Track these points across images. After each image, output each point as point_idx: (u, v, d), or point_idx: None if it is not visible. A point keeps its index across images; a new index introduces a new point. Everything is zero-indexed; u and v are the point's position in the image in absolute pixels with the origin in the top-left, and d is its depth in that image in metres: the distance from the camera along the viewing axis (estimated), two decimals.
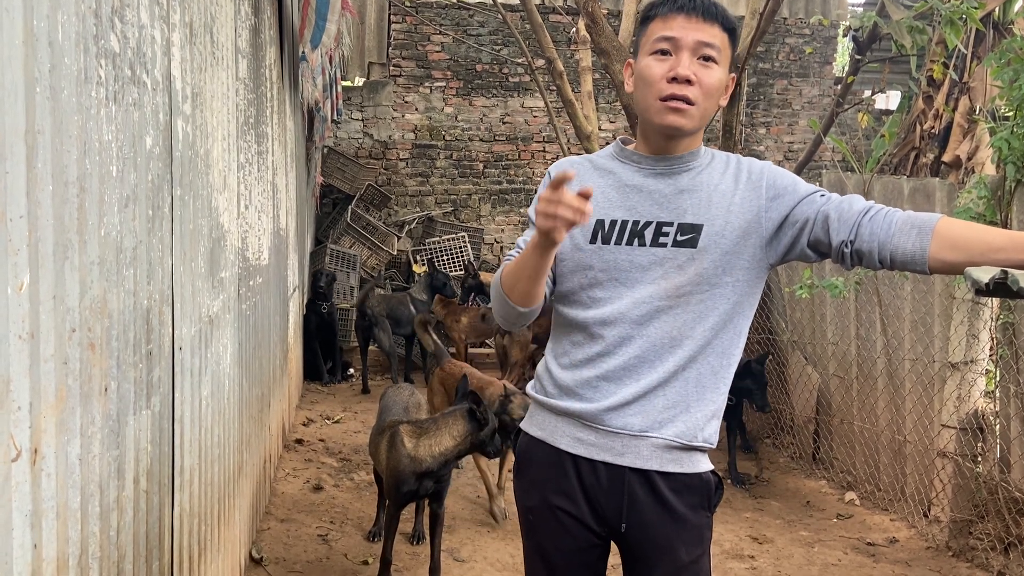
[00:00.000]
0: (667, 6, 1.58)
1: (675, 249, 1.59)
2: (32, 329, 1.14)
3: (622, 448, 1.61)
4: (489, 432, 3.20)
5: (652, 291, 1.59)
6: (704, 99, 1.57)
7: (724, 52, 1.59)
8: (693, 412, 1.61)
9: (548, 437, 1.70)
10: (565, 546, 1.69)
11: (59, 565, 1.25)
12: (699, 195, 1.61)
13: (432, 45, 9.42)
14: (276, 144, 4.36)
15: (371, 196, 8.99)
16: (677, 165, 1.64)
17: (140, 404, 1.68)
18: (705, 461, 1.66)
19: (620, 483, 1.62)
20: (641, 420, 1.60)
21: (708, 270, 1.58)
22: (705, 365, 1.61)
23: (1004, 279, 1.31)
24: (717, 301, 1.59)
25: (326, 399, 6.52)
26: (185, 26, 2.09)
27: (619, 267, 1.61)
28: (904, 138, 7.94)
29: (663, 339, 1.59)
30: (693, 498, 1.63)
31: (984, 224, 1.80)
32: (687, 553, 1.63)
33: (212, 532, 2.51)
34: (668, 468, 1.61)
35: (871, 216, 1.51)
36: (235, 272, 2.91)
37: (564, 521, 1.68)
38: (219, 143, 2.56)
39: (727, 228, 1.58)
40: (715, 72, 1.57)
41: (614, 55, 5.57)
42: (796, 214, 1.58)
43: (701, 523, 1.65)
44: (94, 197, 1.38)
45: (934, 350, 4.07)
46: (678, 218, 1.60)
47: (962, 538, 3.87)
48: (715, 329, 1.60)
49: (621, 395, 1.60)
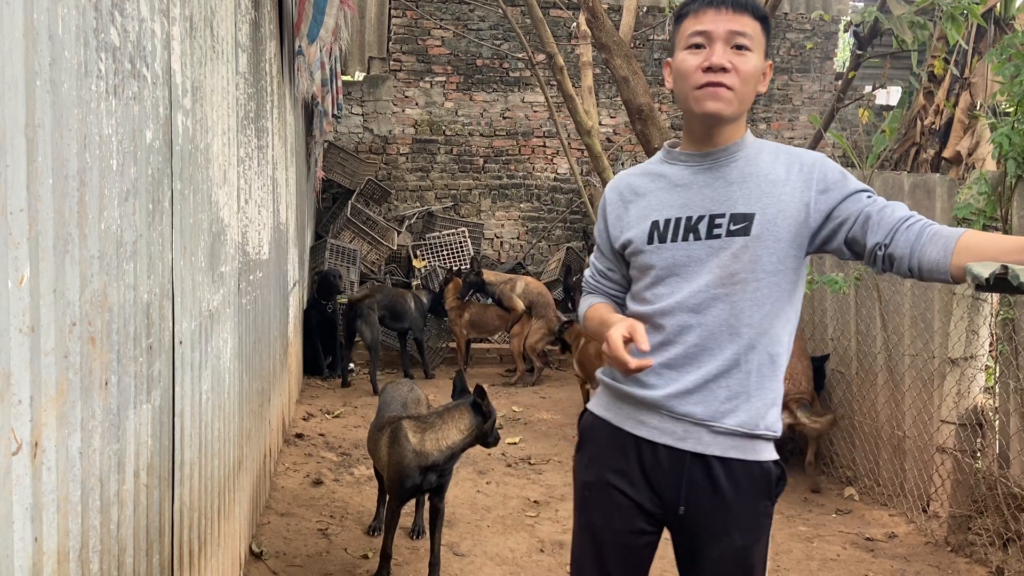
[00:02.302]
0: (698, 2, 1.65)
1: (729, 238, 1.63)
2: (33, 323, 1.14)
3: (684, 433, 1.66)
4: (491, 424, 3.25)
5: (709, 280, 1.64)
6: (741, 85, 1.61)
7: (757, 40, 1.63)
8: (754, 401, 1.66)
9: (612, 418, 1.76)
10: (615, 525, 1.74)
11: (60, 558, 1.25)
12: (749, 184, 1.65)
13: (432, 40, 9.40)
14: (276, 139, 4.35)
15: (371, 191, 8.99)
16: (723, 157, 1.68)
17: (140, 398, 1.68)
18: (768, 450, 1.71)
19: (680, 466, 1.67)
20: (703, 409, 1.65)
21: (763, 257, 1.63)
22: (764, 355, 1.66)
23: (1004, 274, 1.31)
24: (771, 288, 1.64)
25: (326, 394, 6.53)
26: (185, 20, 2.09)
27: (678, 263, 1.67)
28: (905, 134, 7.93)
29: (721, 326, 1.64)
30: (753, 485, 1.68)
31: (985, 220, 1.84)
32: (741, 538, 1.67)
33: (212, 526, 2.52)
34: (729, 455, 1.66)
35: (909, 224, 1.54)
36: (235, 266, 2.91)
37: (618, 500, 1.72)
38: (219, 137, 2.56)
39: (780, 216, 1.62)
40: (750, 59, 1.62)
41: (615, 50, 5.56)
42: (841, 209, 1.62)
43: (759, 511, 1.69)
44: (94, 191, 1.38)
45: (934, 346, 4.07)
46: (730, 208, 1.64)
47: (961, 534, 3.88)
48: (771, 316, 1.65)
49: (683, 383, 1.66)
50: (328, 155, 8.81)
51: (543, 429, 5.74)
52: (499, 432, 3.36)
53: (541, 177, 9.73)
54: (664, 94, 9.84)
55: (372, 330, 6.77)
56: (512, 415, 6.05)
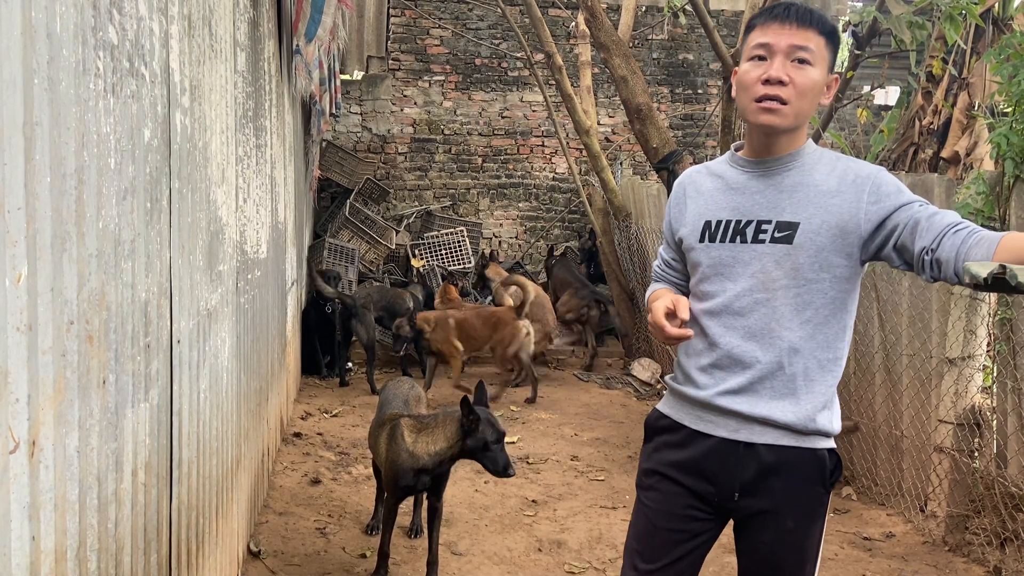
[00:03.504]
0: (764, 16, 1.74)
1: (772, 245, 1.72)
2: (30, 321, 1.13)
3: (736, 426, 1.76)
4: (479, 443, 3.06)
5: (751, 284, 1.73)
6: (798, 98, 1.68)
7: (819, 54, 1.69)
8: (802, 404, 1.73)
9: (674, 414, 1.88)
10: (667, 509, 1.85)
11: (57, 557, 1.25)
12: (799, 194, 1.72)
13: (431, 39, 9.40)
14: (274, 137, 4.35)
15: (369, 190, 8.98)
16: (777, 166, 1.76)
17: (138, 397, 1.68)
18: (821, 440, 1.77)
19: (734, 455, 1.77)
20: (750, 407, 1.74)
21: (803, 265, 1.69)
22: (811, 359, 1.73)
23: (1003, 273, 1.31)
24: (813, 295, 1.71)
25: (324, 393, 6.53)
26: (183, 18, 2.08)
27: (723, 263, 1.77)
28: (903, 134, 7.94)
29: (762, 330, 1.73)
30: (805, 472, 1.76)
31: (983, 220, 1.87)
32: (794, 522, 1.77)
33: (210, 525, 2.52)
34: (781, 442, 1.74)
35: (956, 230, 1.55)
36: (233, 265, 2.91)
37: (672, 488, 1.84)
38: (217, 136, 2.55)
39: (824, 227, 1.68)
40: (810, 73, 1.68)
41: (613, 49, 5.56)
42: (893, 218, 1.65)
43: (812, 496, 1.78)
44: (92, 189, 1.38)
45: (932, 346, 4.07)
46: (777, 216, 1.72)
47: (958, 533, 3.88)
48: (814, 322, 1.72)
49: (729, 383, 1.76)
50: (327, 154, 8.81)
51: (541, 429, 5.74)
52: (513, 465, 3.13)
53: (539, 176, 9.73)
54: (662, 94, 9.84)
55: (368, 330, 6.74)
56: (510, 414, 6.05)
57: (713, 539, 1.88)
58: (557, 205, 9.74)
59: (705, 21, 5.48)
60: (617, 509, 4.23)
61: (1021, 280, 1.29)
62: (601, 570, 3.55)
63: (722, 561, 3.64)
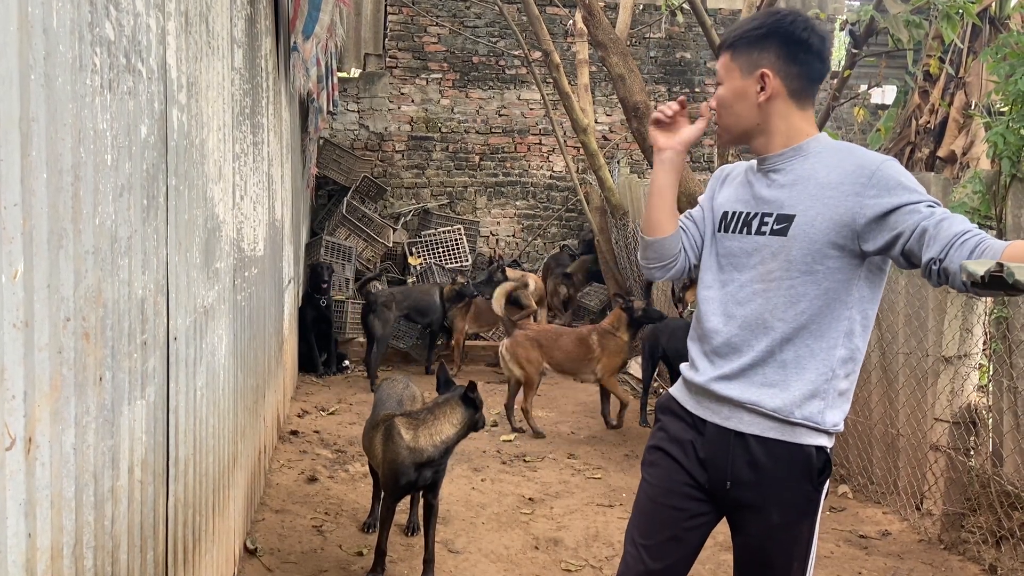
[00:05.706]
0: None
1: (770, 237, 1.80)
2: (26, 318, 1.13)
3: (728, 413, 1.83)
4: (481, 414, 3.29)
5: (751, 275, 1.82)
6: (723, 116, 1.89)
7: (724, 70, 1.87)
8: (792, 391, 1.77)
9: (681, 398, 1.97)
10: (667, 486, 1.92)
11: (53, 554, 1.25)
12: (798, 188, 1.79)
13: (428, 37, 9.39)
14: (272, 135, 4.34)
15: (367, 188, 8.97)
16: (778, 162, 1.84)
17: (135, 394, 1.68)
18: (809, 435, 1.79)
19: (726, 443, 1.83)
20: (740, 392, 1.81)
21: (796, 257, 1.75)
22: (803, 347, 1.77)
23: (1000, 271, 1.31)
24: (807, 287, 1.75)
25: (321, 391, 6.52)
26: (180, 15, 2.08)
27: (732, 252, 1.87)
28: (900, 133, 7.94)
29: (756, 319, 1.80)
30: (792, 467, 1.79)
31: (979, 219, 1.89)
32: (780, 515, 1.80)
33: (207, 522, 2.51)
34: (768, 435, 1.79)
35: (964, 240, 1.54)
36: (230, 263, 2.91)
37: (672, 465, 1.92)
38: (214, 133, 2.55)
39: (818, 219, 1.73)
40: (718, 91, 1.88)
41: (611, 47, 5.56)
42: (896, 218, 1.65)
43: (799, 493, 1.80)
44: (89, 186, 1.37)
45: (928, 344, 4.08)
46: (778, 209, 1.80)
47: (954, 531, 3.89)
48: (808, 313, 1.76)
49: (724, 369, 1.84)
50: (324, 152, 8.80)
51: (538, 426, 5.74)
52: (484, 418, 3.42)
53: (537, 175, 9.72)
54: (660, 92, 9.84)
55: (384, 326, 6.87)
56: (505, 413, 6.04)
57: (709, 525, 1.93)
58: (554, 203, 9.74)
59: (703, 19, 5.48)
60: (614, 507, 4.24)
61: (1018, 278, 1.29)
62: (598, 568, 3.55)
63: (718, 559, 3.65)
